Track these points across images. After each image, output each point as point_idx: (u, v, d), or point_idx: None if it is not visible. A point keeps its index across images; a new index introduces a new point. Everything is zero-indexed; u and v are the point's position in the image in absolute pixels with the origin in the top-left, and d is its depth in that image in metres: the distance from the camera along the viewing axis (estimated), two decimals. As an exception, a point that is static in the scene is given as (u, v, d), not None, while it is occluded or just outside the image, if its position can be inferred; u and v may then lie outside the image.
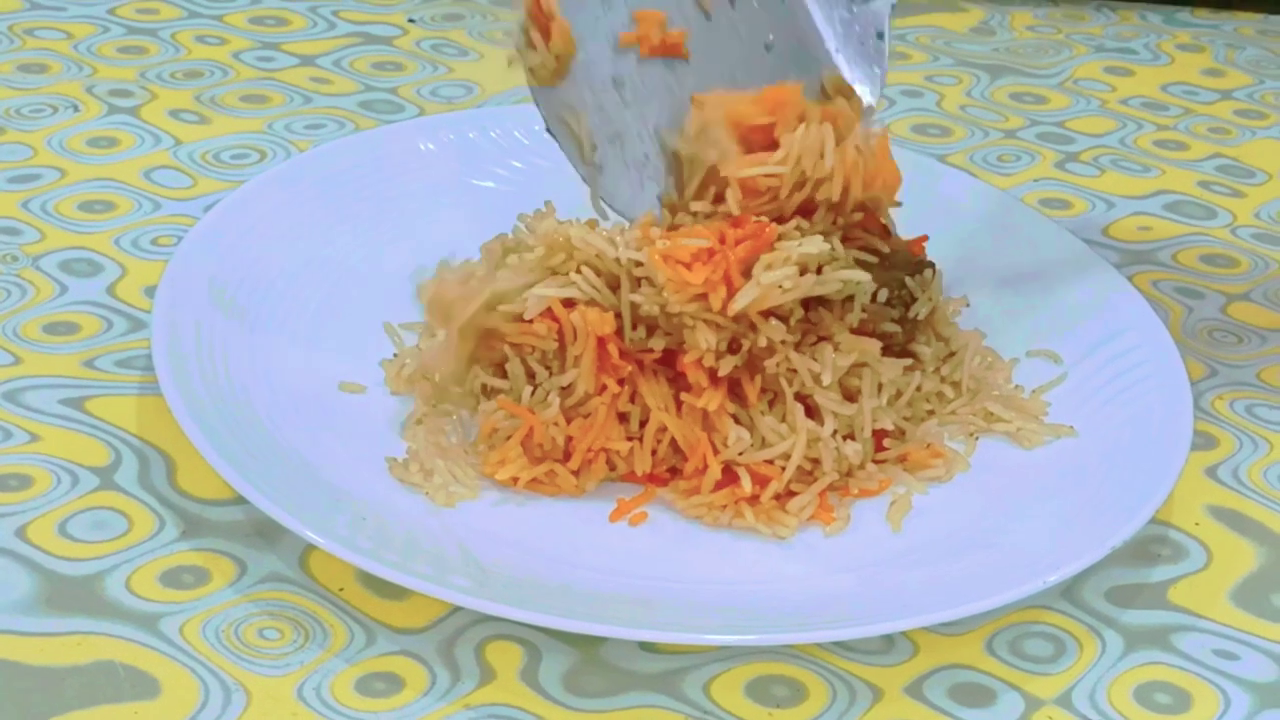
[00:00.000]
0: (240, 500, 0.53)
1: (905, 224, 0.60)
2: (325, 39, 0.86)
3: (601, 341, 0.54)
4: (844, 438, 0.56)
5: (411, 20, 0.89)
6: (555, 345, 0.55)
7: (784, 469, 0.55)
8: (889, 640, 0.51)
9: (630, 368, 0.55)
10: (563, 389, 0.55)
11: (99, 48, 0.83)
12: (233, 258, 0.62)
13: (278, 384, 0.57)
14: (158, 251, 0.66)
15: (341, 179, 0.68)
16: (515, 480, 0.55)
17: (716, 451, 0.55)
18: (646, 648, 0.50)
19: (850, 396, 0.57)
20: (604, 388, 0.55)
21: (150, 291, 0.62)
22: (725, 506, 0.55)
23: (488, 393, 0.57)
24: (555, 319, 0.55)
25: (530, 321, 0.55)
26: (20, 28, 0.84)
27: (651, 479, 0.56)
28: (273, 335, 0.59)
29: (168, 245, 0.67)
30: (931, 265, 0.60)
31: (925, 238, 0.61)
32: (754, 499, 0.54)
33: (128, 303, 0.63)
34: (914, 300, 0.59)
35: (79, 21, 0.85)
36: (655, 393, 0.55)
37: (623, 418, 0.55)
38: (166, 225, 0.68)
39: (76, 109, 0.77)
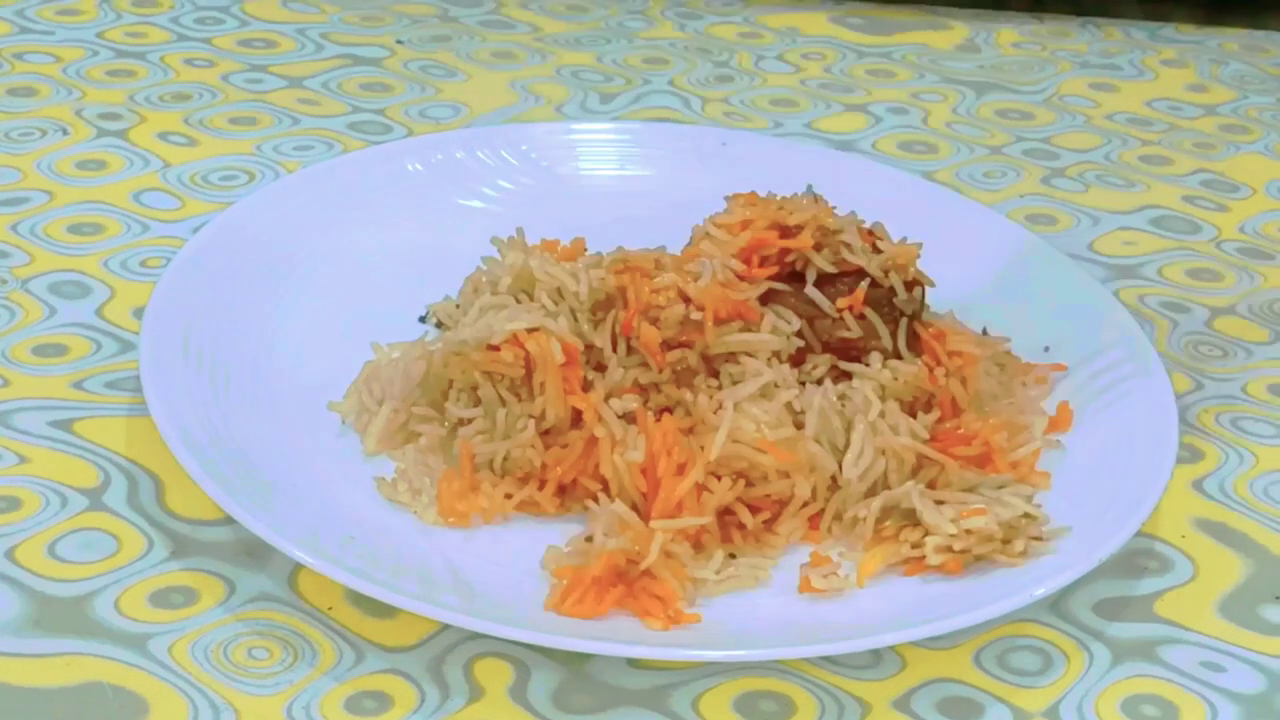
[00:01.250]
0: (229, 520, 0.53)
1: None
2: (314, 61, 0.87)
3: (564, 367, 0.54)
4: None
5: (400, 41, 0.90)
6: (522, 372, 0.55)
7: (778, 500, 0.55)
8: (876, 655, 0.51)
9: (596, 395, 0.55)
10: (534, 417, 0.55)
11: (88, 71, 0.83)
12: (221, 279, 0.62)
13: (265, 404, 0.57)
14: (146, 273, 0.67)
15: (330, 200, 0.68)
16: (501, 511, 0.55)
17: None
18: (635, 664, 0.50)
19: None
20: (578, 416, 0.55)
21: (139, 313, 0.62)
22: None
23: (462, 423, 0.57)
24: (521, 346, 0.55)
25: (497, 349, 0.55)
26: (9, 51, 0.84)
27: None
28: (260, 356, 0.60)
29: (156, 267, 0.67)
30: (921, 284, 0.60)
31: (921, 244, 0.60)
32: (740, 525, 0.54)
33: (117, 324, 0.63)
34: (903, 315, 0.59)
35: (68, 45, 0.86)
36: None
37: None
38: (155, 247, 0.69)
39: (66, 132, 0.77)
